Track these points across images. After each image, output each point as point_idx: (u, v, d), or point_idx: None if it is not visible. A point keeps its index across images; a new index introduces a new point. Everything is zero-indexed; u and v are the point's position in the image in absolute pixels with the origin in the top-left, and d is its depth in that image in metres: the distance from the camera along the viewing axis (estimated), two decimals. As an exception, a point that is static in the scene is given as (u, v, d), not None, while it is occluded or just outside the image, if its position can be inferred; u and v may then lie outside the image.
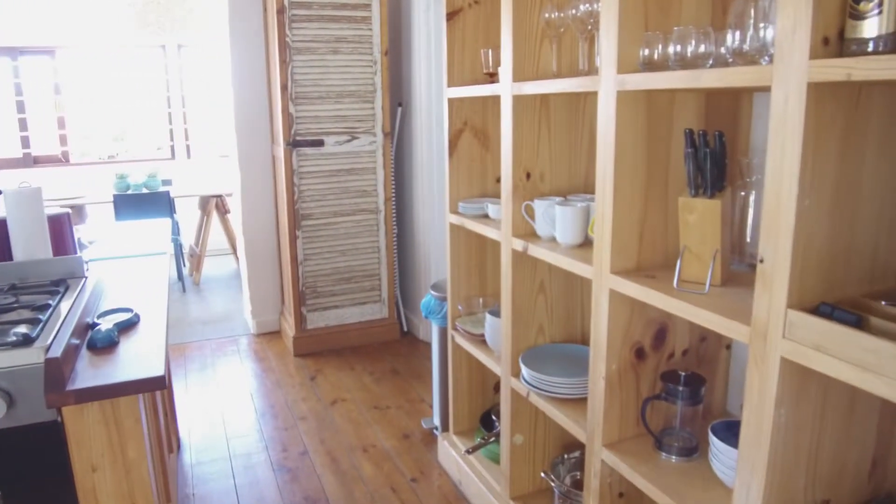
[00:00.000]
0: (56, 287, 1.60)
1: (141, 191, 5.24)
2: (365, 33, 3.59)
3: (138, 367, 1.25)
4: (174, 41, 6.30)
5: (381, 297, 3.87)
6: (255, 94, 3.88)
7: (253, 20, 3.82)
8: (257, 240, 4.04)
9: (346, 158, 3.65)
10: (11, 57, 5.97)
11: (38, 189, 1.77)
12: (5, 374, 1.19)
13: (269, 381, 3.47)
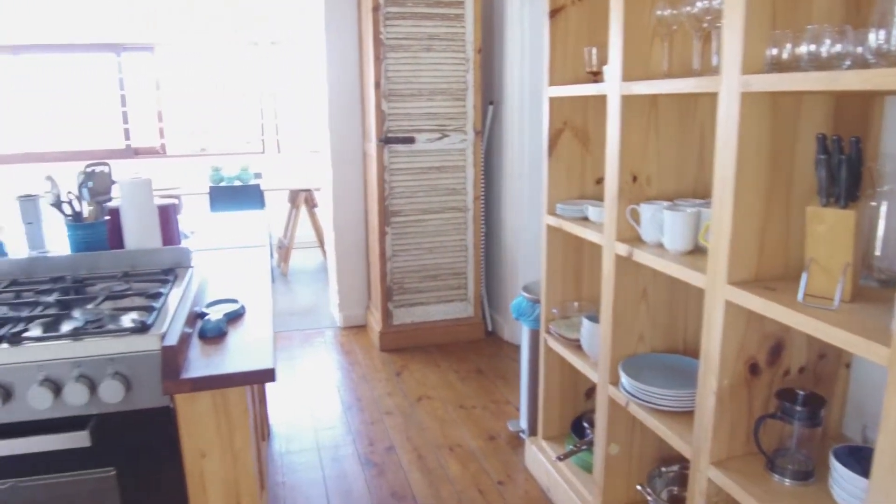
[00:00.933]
0: (166, 276, 1.65)
1: (234, 183, 5.41)
2: (458, 31, 3.58)
3: (248, 358, 1.27)
4: (267, 39, 6.47)
5: (467, 295, 3.85)
6: (347, 90, 3.93)
7: (347, 18, 3.87)
8: (346, 234, 4.10)
9: (437, 156, 3.65)
10: (116, 53, 6.27)
11: (148, 180, 1.83)
12: (124, 359, 1.23)
13: (355, 374, 3.51)
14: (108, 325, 1.31)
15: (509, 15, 3.59)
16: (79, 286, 1.60)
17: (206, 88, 6.55)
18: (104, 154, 6.35)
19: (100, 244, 1.82)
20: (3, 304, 1.49)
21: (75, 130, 6.32)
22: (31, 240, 2.03)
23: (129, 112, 6.36)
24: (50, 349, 1.22)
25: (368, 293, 4.17)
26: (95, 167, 1.75)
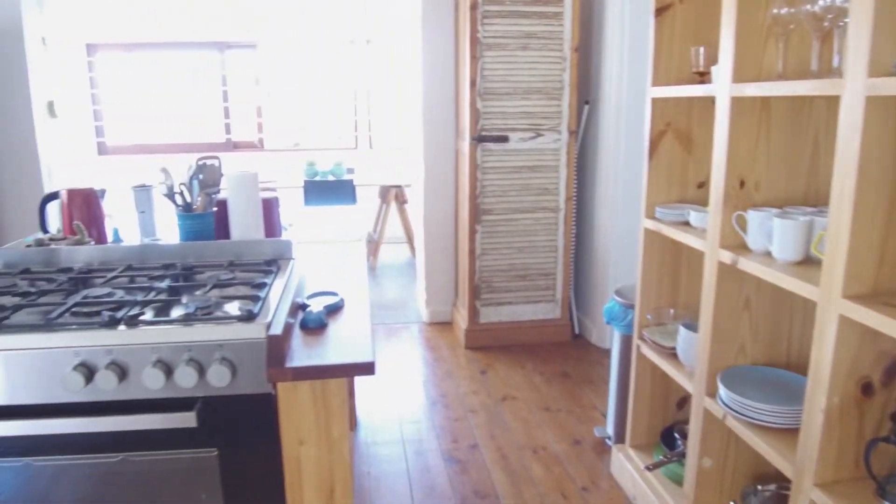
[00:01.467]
0: (269, 267, 1.71)
1: (327, 178, 5.54)
2: (556, 29, 3.54)
3: (348, 351, 1.30)
4: (363, 37, 6.59)
5: (556, 297, 3.81)
6: (442, 88, 3.96)
7: (444, 16, 3.90)
8: (436, 231, 4.13)
9: (530, 155, 3.62)
10: (219, 50, 6.53)
11: (255, 174, 1.90)
12: (231, 345, 1.28)
13: (440, 370, 3.54)
14: (217, 312, 1.37)
15: (609, 13, 3.52)
16: (187, 273, 1.68)
17: (303, 85, 6.74)
18: (206, 147, 6.63)
19: (207, 234, 1.91)
20: (120, 287, 1.57)
21: (180, 124, 6.63)
22: (144, 227, 2.14)
23: (230, 107, 6.62)
24: (163, 333, 1.28)
25: (456, 290, 4.19)
26: (206, 160, 1.83)
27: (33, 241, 1.91)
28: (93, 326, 1.30)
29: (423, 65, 3.94)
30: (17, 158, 3.88)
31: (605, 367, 3.53)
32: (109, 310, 1.38)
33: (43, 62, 3.97)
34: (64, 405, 1.30)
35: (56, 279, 1.65)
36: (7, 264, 1.80)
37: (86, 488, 1.39)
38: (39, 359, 1.28)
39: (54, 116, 4.07)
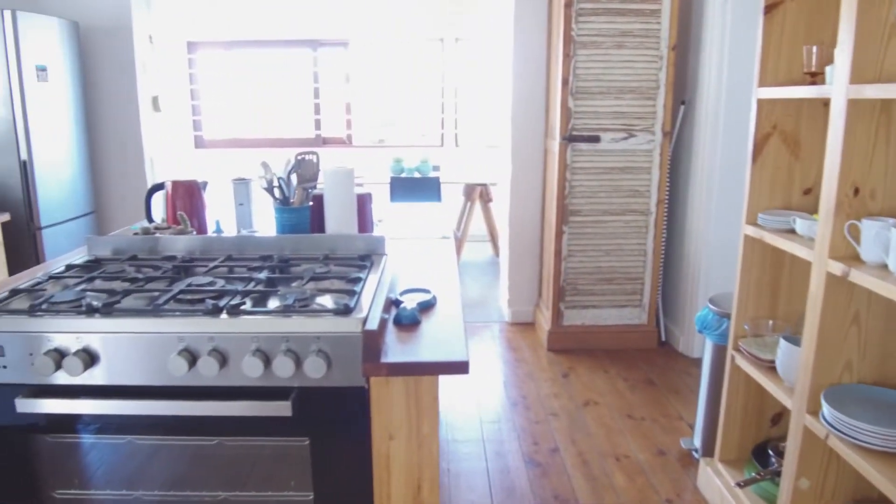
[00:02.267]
0: (363, 262, 1.73)
1: (413, 175, 5.59)
2: (653, 27, 3.44)
3: (442, 349, 1.30)
4: (452, 35, 6.61)
5: (642, 302, 3.72)
6: (533, 87, 3.92)
7: (537, 14, 3.86)
8: (521, 231, 4.10)
9: (621, 156, 3.54)
10: (312, 48, 6.69)
11: (351, 170, 1.92)
12: (327, 338, 1.30)
13: (521, 371, 3.51)
14: (313, 304, 1.39)
15: (709, 10, 3.40)
16: (284, 265, 1.72)
17: (392, 82, 6.82)
18: (296, 143, 6.82)
19: (303, 227, 1.95)
20: (220, 277, 1.63)
21: (272, 119, 6.83)
22: (241, 219, 2.21)
23: (320, 104, 6.78)
24: (263, 323, 1.32)
25: (539, 291, 4.15)
26: (305, 155, 1.87)
27: (140, 230, 2.00)
28: (196, 314, 1.35)
29: (514, 63, 3.91)
30: (123, 150, 4.09)
31: (692, 377, 3.42)
32: (212, 298, 1.42)
33: (149, 59, 4.16)
34: (166, 388, 1.36)
35: (161, 266, 1.72)
36: (116, 251, 1.89)
37: (180, 467, 1.44)
38: (146, 343, 1.34)
39: (158, 111, 4.27)
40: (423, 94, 6.82)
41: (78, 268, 1.75)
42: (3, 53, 3.26)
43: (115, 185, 4.14)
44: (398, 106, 6.93)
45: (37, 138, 3.41)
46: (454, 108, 6.78)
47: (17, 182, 3.39)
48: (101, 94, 4.01)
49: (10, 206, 3.40)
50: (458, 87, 6.74)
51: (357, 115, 6.87)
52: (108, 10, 3.91)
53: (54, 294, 1.50)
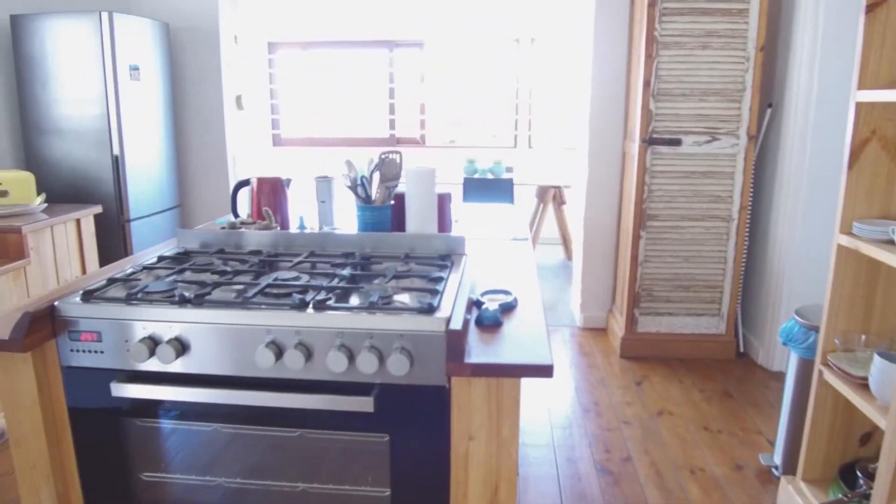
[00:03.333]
0: (443, 261, 1.73)
1: (486, 176, 5.59)
2: (739, 27, 3.34)
3: (525, 351, 1.29)
4: (528, 35, 6.57)
5: (721, 311, 3.61)
6: (612, 88, 3.86)
7: (619, 14, 3.79)
8: (596, 234, 4.04)
9: (703, 160, 3.44)
10: (388, 49, 6.77)
11: (433, 170, 1.93)
12: (411, 336, 1.31)
13: (593, 377, 3.46)
14: (397, 302, 1.41)
15: (800, 10, 3.27)
16: (365, 263, 1.74)
17: (466, 83, 6.84)
18: (371, 142, 6.92)
19: (384, 226, 1.97)
20: (305, 272, 1.66)
21: (348, 118, 6.95)
22: (323, 216, 2.25)
23: (395, 104, 6.85)
24: (348, 318, 1.33)
25: (613, 296, 4.08)
26: (389, 154, 1.89)
27: (227, 224, 2.06)
28: (284, 307, 1.38)
29: (594, 63, 3.86)
30: (208, 147, 4.23)
31: (772, 390, 3.29)
32: (297, 293, 1.45)
33: (233, 59, 4.29)
34: (252, 379, 1.39)
35: (248, 260, 1.77)
36: (203, 244, 1.95)
37: (262, 457, 1.48)
38: (235, 334, 1.38)
39: (241, 109, 4.39)
40: (497, 95, 6.80)
41: (169, 259, 1.82)
42: (100, 53, 3.42)
43: (198, 180, 4.28)
44: (472, 106, 6.94)
45: (128, 134, 3.56)
46: (528, 110, 6.74)
47: (109, 176, 3.55)
48: (188, 92, 4.16)
49: (102, 198, 3.57)
50: (533, 87, 6.70)
51: (431, 115, 6.91)
52: (196, 11, 4.05)
53: (149, 284, 1.55)
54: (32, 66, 3.50)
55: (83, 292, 1.49)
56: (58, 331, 1.46)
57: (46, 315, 1.45)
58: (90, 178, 3.57)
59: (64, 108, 3.51)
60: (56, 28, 3.45)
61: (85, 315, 1.44)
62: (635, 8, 3.66)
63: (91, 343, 1.45)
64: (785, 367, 2.56)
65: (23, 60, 3.51)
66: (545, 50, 6.62)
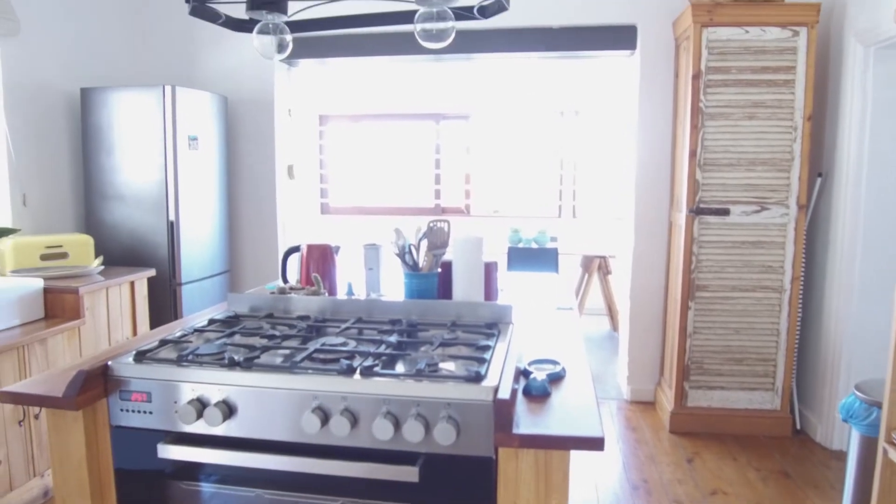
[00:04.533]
0: (490, 330, 1.72)
1: (531, 245, 5.59)
2: (786, 97, 3.33)
3: (575, 423, 1.25)
4: (572, 108, 6.67)
5: (775, 385, 3.48)
6: (658, 158, 3.87)
7: (663, 86, 3.84)
8: (643, 305, 3.98)
9: (753, 230, 3.39)
10: (435, 121, 6.93)
11: (481, 238, 1.94)
12: (457, 405, 1.29)
13: (641, 453, 3.34)
14: (443, 370, 1.39)
15: (847, 79, 3.26)
16: (412, 330, 1.74)
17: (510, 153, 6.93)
18: (416, 211, 7.02)
19: (430, 293, 1.97)
20: (352, 338, 1.66)
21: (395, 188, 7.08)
22: (370, 283, 2.26)
23: (441, 174, 6.97)
24: (395, 385, 1.33)
25: (661, 369, 3.98)
26: (437, 223, 1.91)
27: (276, 289, 2.09)
28: (331, 373, 1.38)
29: (638, 133, 3.88)
30: (260, 214, 4.34)
31: (833, 470, 3.13)
32: (345, 358, 1.45)
33: (286, 130, 4.44)
34: (297, 444, 1.38)
35: (296, 325, 1.79)
36: (253, 308, 1.98)
37: (302, 526, 1.45)
38: (282, 398, 1.38)
39: (292, 178, 4.52)
40: (541, 165, 6.87)
41: (219, 322, 1.85)
42: (162, 124, 3.58)
43: (248, 246, 4.38)
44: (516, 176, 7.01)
45: (184, 201, 3.68)
46: (573, 179, 6.78)
47: (164, 240, 3.66)
48: (242, 161, 4.31)
49: (156, 262, 3.67)
50: (577, 158, 6.75)
51: (476, 185, 7.00)
52: (254, 85, 4.23)
53: (199, 346, 1.58)
54: (99, 135, 3.68)
55: (136, 353, 1.52)
56: (110, 390, 1.49)
57: (100, 374, 1.48)
58: (146, 242, 3.68)
59: (125, 175, 3.67)
60: (122, 100, 3.64)
61: (137, 375, 1.47)
62: (679, 80, 3.70)
63: (141, 403, 1.47)
64: (846, 445, 2.45)
65: (90, 130, 3.70)
66: (589, 121, 6.70)
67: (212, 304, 3.95)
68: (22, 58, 3.44)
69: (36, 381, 1.54)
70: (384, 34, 4.06)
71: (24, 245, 3.19)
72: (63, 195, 3.76)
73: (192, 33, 4.26)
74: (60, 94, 3.72)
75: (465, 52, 3.99)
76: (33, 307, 2.91)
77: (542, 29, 3.96)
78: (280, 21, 1.97)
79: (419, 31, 1.85)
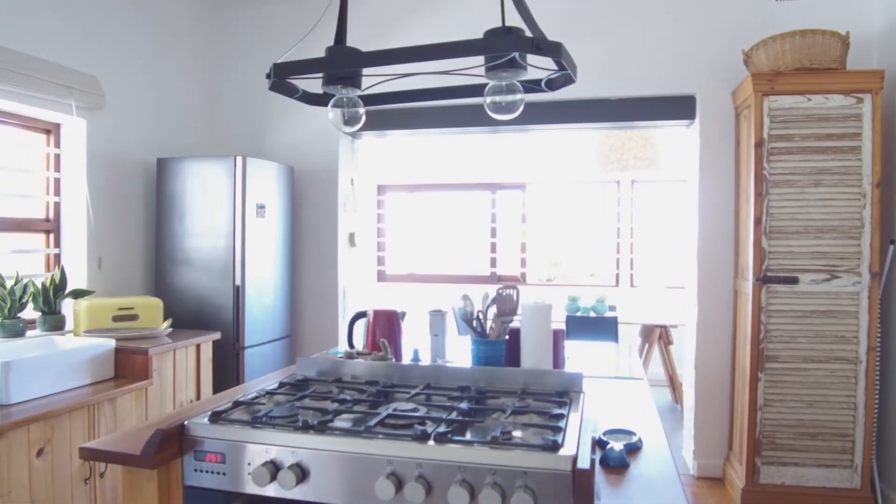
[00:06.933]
0: (561, 398, 1.69)
1: (589, 314, 5.52)
2: (853, 164, 3.28)
3: (657, 496, 1.22)
4: (629, 177, 6.68)
5: (853, 462, 3.30)
6: (721, 226, 3.82)
7: (724, 154, 3.82)
8: (708, 376, 3.86)
9: (824, 299, 3.29)
10: (491, 191, 7.02)
11: (549, 306, 1.94)
12: (534, 474, 1.26)
13: (712, 532, 3.19)
14: (517, 439, 1.37)
15: (920, 148, 3.20)
16: (481, 397, 1.73)
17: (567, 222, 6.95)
18: (472, 279, 7.04)
19: (497, 360, 1.96)
20: (422, 404, 1.66)
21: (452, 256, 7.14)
22: (435, 349, 2.27)
23: (497, 243, 7.01)
24: (470, 453, 1.31)
25: (730, 443, 3.82)
26: (505, 289, 1.92)
27: (344, 354, 2.11)
28: (405, 438, 1.37)
29: (699, 202, 3.85)
30: (321, 280, 4.42)
31: (924, 559, 2.92)
32: (417, 424, 1.45)
33: (349, 199, 4.56)
34: (369, 512, 1.37)
35: (365, 390, 1.79)
36: (320, 372, 2.00)
37: None
38: (356, 463, 1.37)
39: (353, 246, 4.61)
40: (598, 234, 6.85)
41: (289, 385, 1.87)
42: (232, 192, 3.72)
43: (309, 311, 4.45)
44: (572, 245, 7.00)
45: (250, 267, 3.78)
46: (630, 248, 6.73)
47: (230, 304, 3.75)
48: (306, 229, 4.42)
49: (221, 325, 3.75)
50: (635, 226, 6.72)
51: (532, 253, 7.01)
52: (320, 157, 4.39)
53: (272, 409, 1.60)
54: (172, 202, 3.85)
55: (211, 413, 1.54)
56: (185, 450, 1.51)
57: (175, 434, 1.50)
58: (212, 305, 3.78)
59: (195, 241, 3.80)
60: (195, 170, 3.81)
61: (212, 436, 1.49)
62: (741, 148, 3.68)
63: (215, 464, 1.48)
64: (939, 531, 2.28)
65: (164, 197, 3.87)
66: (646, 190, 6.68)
67: (273, 368, 3.99)
68: (105, 129, 3.65)
69: (112, 440, 1.57)
70: (443, 107, 4.18)
71: (98, 307, 3.31)
72: (136, 259, 3.92)
73: (263, 107, 4.46)
74: (138, 163, 3.92)
75: (523, 124, 4.06)
76: (105, 367, 2.99)
77: (601, 101, 4.01)
78: (354, 95, 2.05)
79: (489, 103, 1.91)
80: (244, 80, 4.51)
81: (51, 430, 2.54)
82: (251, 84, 4.48)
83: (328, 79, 1.97)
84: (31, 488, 2.45)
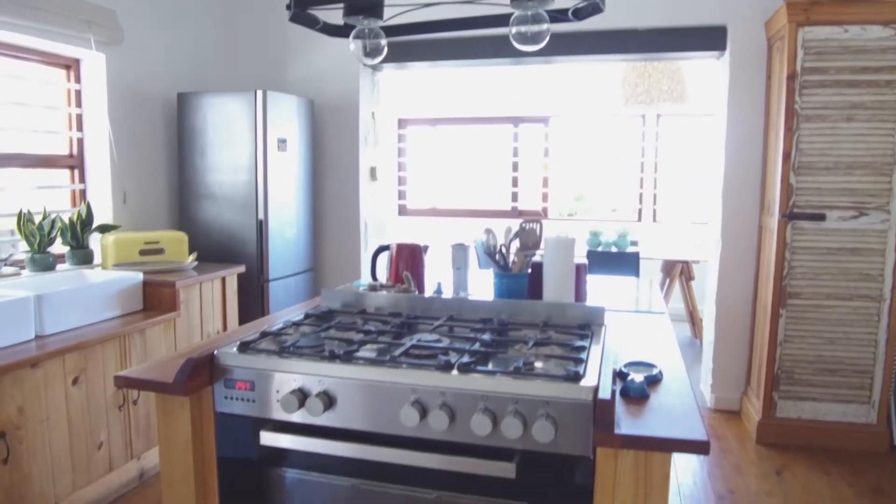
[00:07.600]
0: (582, 331, 1.71)
1: (610, 249, 5.51)
2: (888, 98, 3.19)
3: (677, 426, 1.24)
4: (654, 111, 6.54)
5: (871, 398, 3.32)
6: (748, 161, 3.75)
7: (754, 87, 3.72)
8: (729, 312, 3.87)
9: (850, 236, 3.25)
10: (514, 125, 6.93)
11: (573, 240, 1.94)
12: (556, 403, 1.29)
13: (727, 463, 3.25)
14: (539, 369, 1.40)
15: (959, 81, 3.09)
16: (503, 329, 1.75)
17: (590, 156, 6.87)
18: (493, 214, 7.03)
19: (520, 293, 1.98)
20: (445, 335, 1.69)
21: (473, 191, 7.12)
22: (458, 283, 2.29)
23: (519, 177, 6.96)
24: (493, 382, 1.34)
25: (748, 377, 3.86)
26: (529, 223, 1.92)
27: (367, 286, 2.14)
28: (429, 368, 1.40)
29: (727, 137, 3.78)
30: (343, 214, 4.44)
31: (936, 491, 2.97)
32: (441, 354, 1.48)
33: (370, 133, 4.53)
34: (394, 437, 1.41)
35: (389, 322, 1.82)
36: (345, 304, 2.03)
37: (395, 517, 1.48)
38: (381, 391, 1.41)
39: (375, 180, 4.60)
40: (621, 168, 6.78)
41: (314, 317, 1.90)
42: (253, 127, 3.71)
43: (331, 245, 4.49)
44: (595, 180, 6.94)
45: (272, 201, 3.80)
46: (653, 183, 6.66)
47: (254, 238, 3.79)
48: (327, 163, 4.41)
49: (245, 259, 3.80)
50: (659, 161, 6.62)
51: (554, 188, 6.97)
52: (340, 90, 4.34)
53: (299, 339, 1.63)
54: (193, 137, 3.85)
55: (240, 343, 1.58)
56: (215, 378, 1.55)
57: (206, 363, 1.54)
58: (236, 239, 3.82)
59: (217, 176, 3.82)
60: (216, 104, 3.79)
61: (241, 364, 1.53)
62: (772, 81, 3.58)
63: (244, 392, 1.53)
64: (954, 464, 2.31)
65: (185, 132, 3.87)
66: (671, 124, 6.56)
67: (296, 301, 4.06)
68: (124, 65, 3.63)
69: (145, 368, 1.62)
70: (465, 38, 4.09)
71: (125, 241, 3.36)
72: (159, 194, 3.95)
73: (282, 40, 4.40)
74: (159, 98, 3.90)
75: (547, 56, 3.96)
76: (133, 299, 3.06)
77: (628, 31, 3.90)
78: (375, 26, 2.01)
79: (514, 33, 1.86)
80: (263, 12, 4.43)
81: (84, 359, 2.62)
82: (271, 15, 4.40)
83: (349, 9, 1.93)
84: (69, 415, 2.55)
